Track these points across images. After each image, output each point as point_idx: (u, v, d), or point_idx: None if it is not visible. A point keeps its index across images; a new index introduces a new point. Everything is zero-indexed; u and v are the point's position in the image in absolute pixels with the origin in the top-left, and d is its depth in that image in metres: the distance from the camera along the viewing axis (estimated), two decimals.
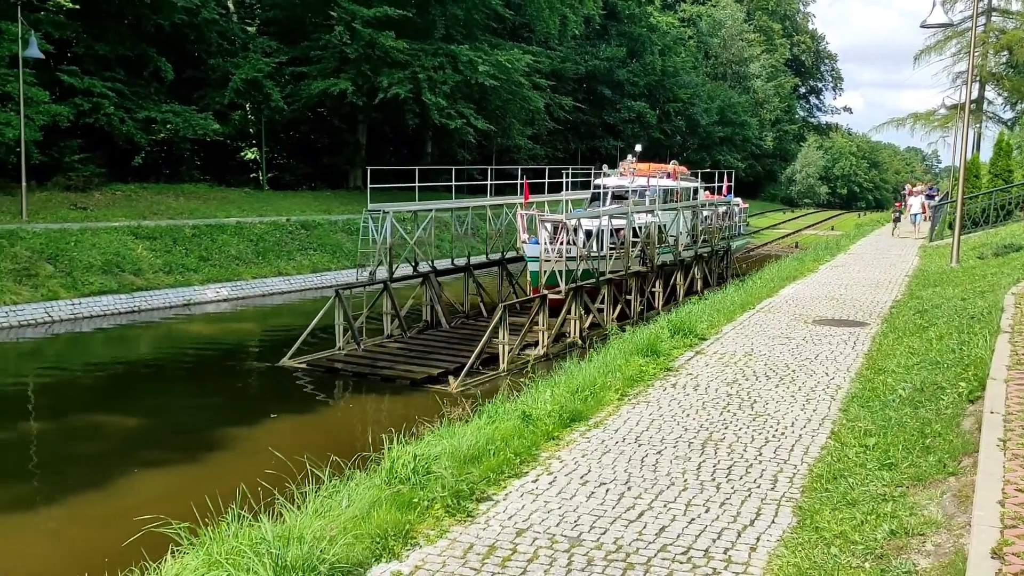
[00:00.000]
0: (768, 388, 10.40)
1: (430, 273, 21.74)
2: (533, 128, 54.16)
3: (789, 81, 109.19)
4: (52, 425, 14.45)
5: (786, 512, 6.55)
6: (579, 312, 19.78)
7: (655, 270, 24.37)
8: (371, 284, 20.01)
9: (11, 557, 9.33)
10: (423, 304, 21.86)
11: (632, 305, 22.90)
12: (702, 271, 28.29)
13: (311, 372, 17.43)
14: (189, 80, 37.75)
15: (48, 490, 11.47)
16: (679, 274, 26.29)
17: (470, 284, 23.53)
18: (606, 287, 21.30)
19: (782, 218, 75.99)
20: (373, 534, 5.92)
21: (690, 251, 27.47)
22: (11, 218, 25.28)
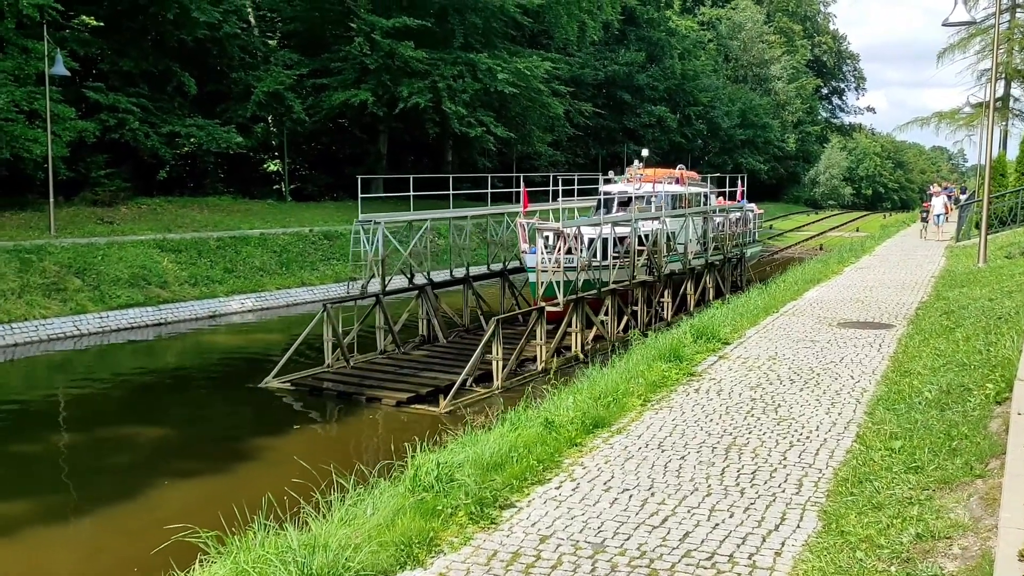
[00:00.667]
0: (792, 392, 10.34)
1: (426, 286, 20.93)
2: (553, 135, 54.23)
3: (811, 82, 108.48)
4: (82, 436, 14.67)
5: (811, 516, 6.51)
6: (580, 325, 19.04)
7: (663, 279, 23.57)
8: (363, 298, 19.38)
9: (44, 566, 9.47)
10: (419, 318, 21.04)
11: (639, 316, 22.05)
12: (714, 280, 27.34)
13: (294, 392, 16.72)
14: (212, 94, 38.19)
15: (79, 500, 11.63)
16: (689, 283, 25.40)
17: (469, 296, 22.68)
18: (609, 298, 20.58)
19: (806, 220, 75.46)
20: (398, 542, 5.96)
21: (700, 259, 26.60)
22: (39, 233, 25.68)
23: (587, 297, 19.48)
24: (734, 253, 30.52)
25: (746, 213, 33.64)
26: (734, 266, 30.71)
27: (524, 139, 49.83)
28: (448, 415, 14.72)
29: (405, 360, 18.81)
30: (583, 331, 19.14)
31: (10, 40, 27.73)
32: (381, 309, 19.32)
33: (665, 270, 23.61)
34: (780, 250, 51.04)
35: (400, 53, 38.97)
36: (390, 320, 19.54)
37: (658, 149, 69.04)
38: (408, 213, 22.37)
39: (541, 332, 17.86)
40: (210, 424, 15.32)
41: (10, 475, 12.57)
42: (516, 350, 17.34)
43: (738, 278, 30.83)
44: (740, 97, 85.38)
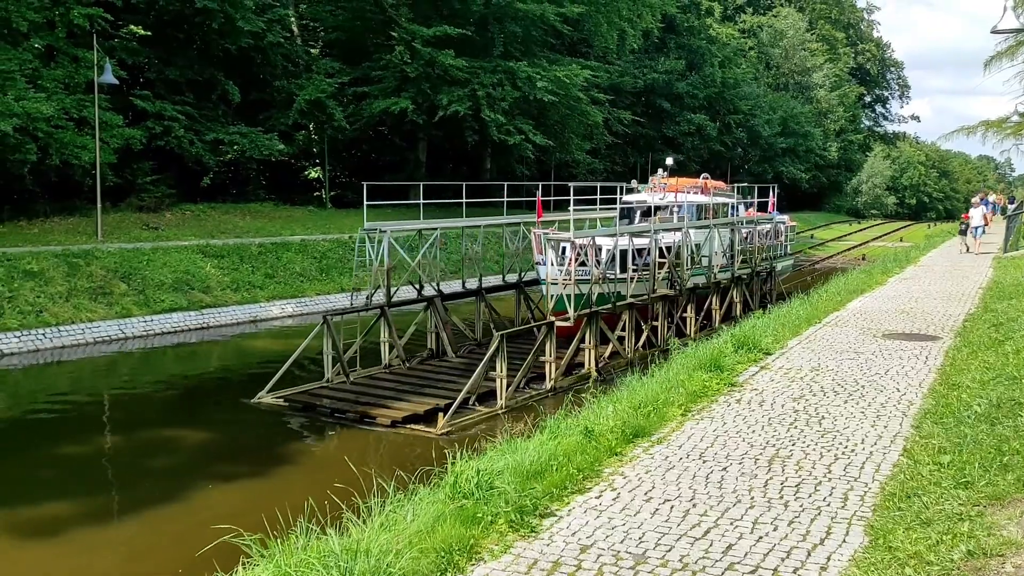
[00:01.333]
0: (836, 404, 10.17)
1: (435, 297, 20.00)
2: (592, 143, 54.15)
3: (854, 90, 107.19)
4: (126, 439, 14.92)
5: (857, 531, 6.39)
6: (594, 341, 18.19)
7: (685, 294, 22.42)
8: (366, 309, 18.65)
9: (90, 567, 9.63)
10: (427, 331, 20.23)
11: (659, 332, 21.02)
12: (741, 295, 25.97)
13: (286, 409, 15.93)
14: (255, 102, 38.75)
15: (124, 502, 11.82)
16: (715, 298, 24.16)
17: (482, 309, 21.79)
18: (627, 313, 19.52)
19: (848, 230, 74.48)
20: (438, 548, 5.96)
21: (726, 272, 25.41)
22: (87, 238, 26.22)
23: (601, 312, 18.57)
24: (763, 267, 29.07)
25: (777, 225, 32.30)
26: (764, 280, 29.24)
27: (563, 147, 49.81)
28: (445, 436, 13.93)
29: (409, 375, 18.00)
30: (596, 347, 18.28)
31: (61, 49, 28.43)
32: (386, 322, 18.47)
33: (688, 284, 22.54)
34: (822, 260, 50.36)
35: (440, 61, 39.21)
36: (395, 333, 18.64)
37: (697, 157, 68.67)
38: (417, 221, 21.57)
39: (550, 348, 16.89)
40: (249, 427, 15.47)
41: (57, 476, 12.82)
42: (523, 367, 16.37)
43: (768, 293, 29.23)
44: (781, 105, 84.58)
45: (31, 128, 25.07)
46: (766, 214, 32.21)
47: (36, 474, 12.79)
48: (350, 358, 17.64)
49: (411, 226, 21.56)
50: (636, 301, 19.96)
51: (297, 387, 16.74)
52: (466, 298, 22.31)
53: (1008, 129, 43.46)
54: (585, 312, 18.18)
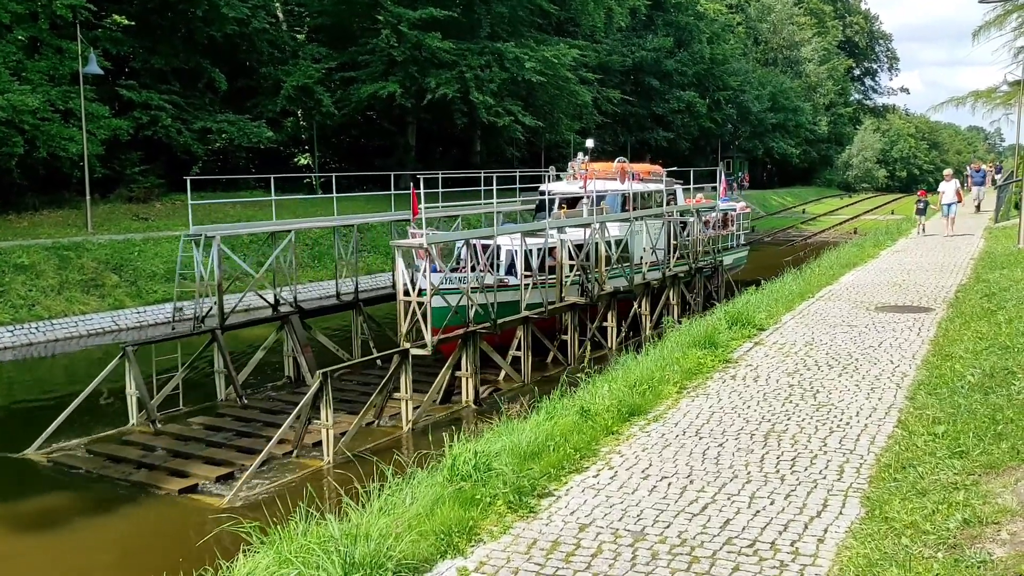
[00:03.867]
0: (831, 377, 10.22)
1: (291, 314, 17.09)
2: (581, 123, 53.96)
3: (843, 63, 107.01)
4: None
5: (854, 503, 6.44)
6: (471, 367, 15.31)
7: (603, 300, 19.54)
8: (190, 336, 15.59)
9: (89, 555, 9.64)
10: (284, 354, 17.36)
11: (569, 348, 18.24)
12: (678, 295, 22.85)
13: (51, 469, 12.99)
14: (242, 89, 38.49)
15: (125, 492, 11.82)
16: (644, 302, 21.13)
17: (360, 323, 18.74)
18: (522, 328, 16.71)
19: (839, 204, 74.65)
20: (437, 531, 5.98)
21: (656, 272, 22.29)
22: (77, 231, 26.09)
23: (480, 331, 15.59)
24: (705, 262, 25.48)
25: (727, 213, 28.90)
26: (708, 277, 25.70)
27: (552, 128, 49.65)
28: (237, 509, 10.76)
29: (240, 417, 14.84)
30: (476, 374, 15.38)
31: (44, 41, 28.16)
32: (219, 348, 15.58)
33: (607, 287, 19.67)
34: (813, 234, 50.45)
35: (427, 44, 38.96)
36: (229, 363, 15.70)
37: (687, 135, 68.55)
38: (268, 223, 18.61)
39: (406, 382, 13.96)
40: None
41: (52, 470, 12.82)
42: (363, 409, 13.38)
43: (714, 291, 25.75)
44: (770, 80, 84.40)
45: (17, 121, 24.87)
46: (711, 202, 28.70)
47: None
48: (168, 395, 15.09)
49: (254, 229, 18.91)
50: (532, 314, 16.98)
51: (86, 436, 13.80)
52: (341, 311, 19.26)
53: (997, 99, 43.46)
54: (456, 334, 15.22)
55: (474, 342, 15.45)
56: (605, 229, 19.70)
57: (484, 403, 15.31)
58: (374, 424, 14.14)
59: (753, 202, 69.02)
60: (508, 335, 16.85)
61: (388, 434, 14.00)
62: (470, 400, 15.38)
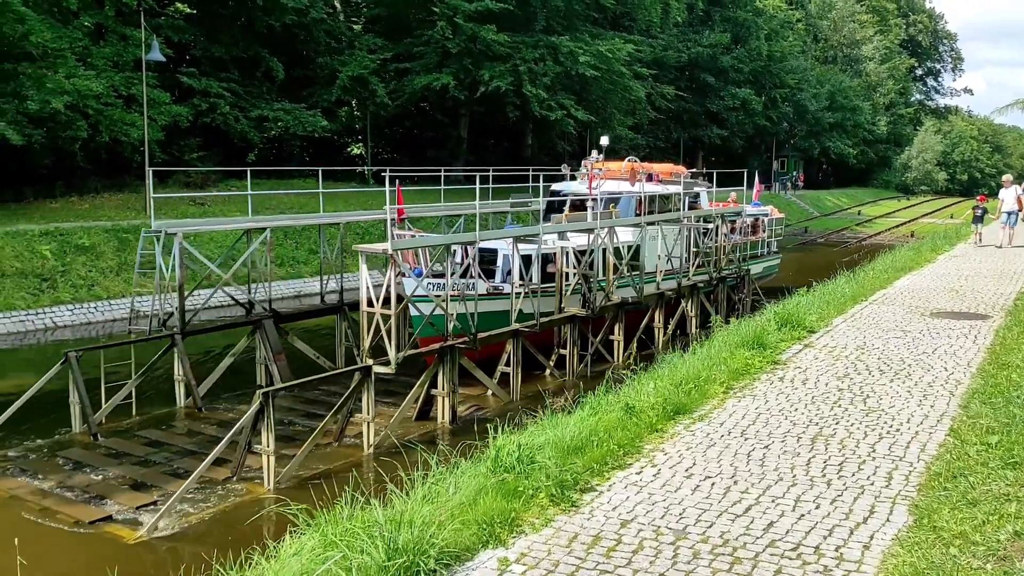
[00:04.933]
0: (882, 383, 10.05)
1: (264, 318, 15.89)
2: (634, 118, 53.63)
3: (904, 63, 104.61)
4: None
5: (901, 511, 6.34)
6: (448, 386, 13.86)
7: (610, 311, 17.91)
8: (148, 340, 14.60)
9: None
10: (256, 361, 16.10)
11: (568, 363, 16.68)
12: (697, 306, 20.95)
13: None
14: (298, 79, 39.01)
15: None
16: (657, 314, 19.40)
17: (344, 328, 17.40)
18: (511, 342, 15.25)
19: (896, 206, 73.12)
20: (480, 520, 6.04)
21: (671, 281, 20.40)
22: (136, 214, 26.74)
23: (459, 346, 14.14)
24: (730, 271, 23.49)
25: (757, 219, 26.82)
26: (732, 287, 23.69)
27: (604, 122, 49.41)
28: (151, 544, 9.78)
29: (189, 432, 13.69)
30: (453, 393, 13.95)
31: (109, 27, 28.89)
32: (178, 354, 14.51)
33: (615, 298, 18.10)
34: (868, 237, 49.49)
35: (482, 37, 39.06)
36: (189, 370, 14.50)
37: (742, 132, 67.69)
38: (241, 219, 17.49)
39: (368, 402, 12.63)
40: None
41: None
42: (313, 434, 12.00)
43: (739, 301, 23.66)
44: (829, 79, 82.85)
45: (82, 105, 25.56)
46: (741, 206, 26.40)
47: None
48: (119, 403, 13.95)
49: (226, 226, 17.91)
50: (523, 327, 15.59)
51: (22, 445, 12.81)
52: (323, 315, 18.04)
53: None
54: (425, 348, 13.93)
55: (452, 357, 13.90)
56: (614, 234, 18.24)
57: (461, 422, 13.85)
58: (333, 445, 12.83)
59: (807, 202, 67.96)
60: (498, 348, 15.39)
61: (345, 457, 12.52)
62: (446, 421, 13.83)
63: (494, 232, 17.48)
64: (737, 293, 23.80)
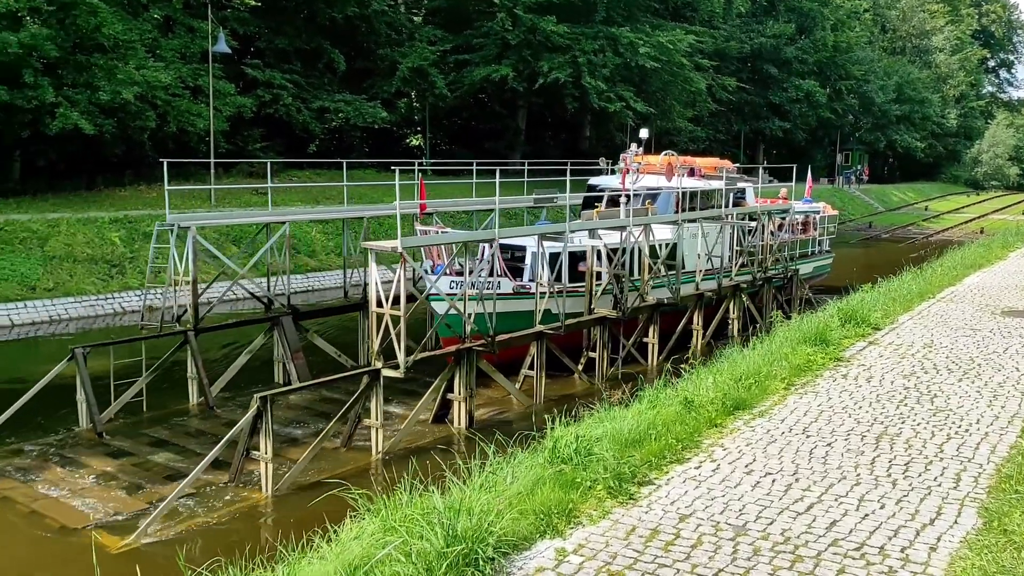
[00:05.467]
0: (950, 382, 9.79)
1: (282, 315, 15.42)
2: (694, 110, 52.92)
3: (976, 54, 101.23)
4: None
5: (970, 513, 6.18)
6: (466, 389, 13.05)
7: (644, 312, 16.89)
8: (160, 336, 14.11)
9: (221, 517, 10.12)
10: (274, 359, 15.59)
11: (597, 366, 15.52)
12: (740, 308, 19.64)
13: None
14: (359, 70, 39.39)
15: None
16: (697, 315, 18.29)
17: (365, 325, 16.18)
18: (535, 345, 14.37)
19: (965, 201, 71.01)
20: (537, 511, 6.06)
21: (711, 281, 19.21)
22: (200, 203, 27.33)
23: (477, 348, 13.29)
24: (776, 271, 21.99)
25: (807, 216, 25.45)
26: (779, 287, 22.25)
27: (664, 114, 48.86)
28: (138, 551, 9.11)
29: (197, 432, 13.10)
30: (471, 397, 13.20)
31: (177, 20, 29.55)
32: (191, 352, 14.04)
33: (649, 299, 17.09)
34: (936, 232, 48.16)
35: (542, 28, 38.94)
36: (202, 368, 14.07)
37: (805, 125, 66.32)
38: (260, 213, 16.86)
39: (376, 406, 11.93)
40: None
41: None
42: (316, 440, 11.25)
43: (786, 303, 22.05)
44: (897, 70, 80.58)
45: (150, 96, 26.17)
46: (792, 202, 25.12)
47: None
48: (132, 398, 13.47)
49: (247, 219, 17.49)
50: (547, 329, 14.63)
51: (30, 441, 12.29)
52: (342, 313, 17.51)
53: None
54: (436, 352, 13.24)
55: (469, 360, 13.12)
56: (649, 232, 17.25)
57: (479, 426, 12.96)
58: (342, 450, 12.14)
59: (872, 197, 66.37)
60: (521, 350, 14.66)
61: (352, 462, 11.70)
62: (462, 426, 13.02)
63: (515, 229, 16.66)
64: (784, 294, 22.35)
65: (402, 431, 12.40)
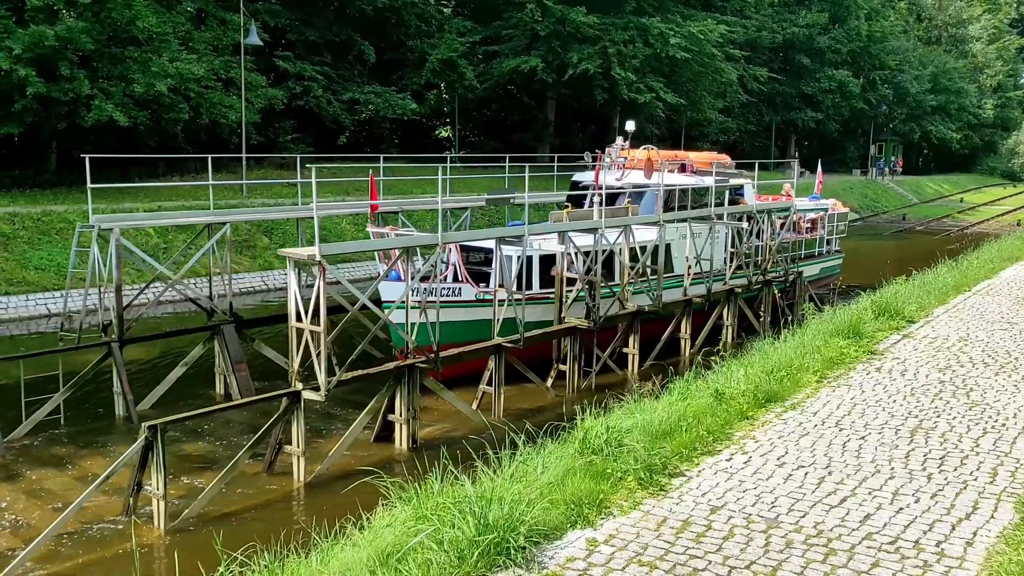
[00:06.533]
0: (987, 376, 9.66)
1: (222, 324, 14.01)
2: (725, 101, 52.43)
3: (1014, 42, 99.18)
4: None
5: (1007, 508, 6.10)
6: (407, 410, 11.67)
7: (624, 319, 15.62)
8: (76, 349, 12.97)
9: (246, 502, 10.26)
10: (215, 371, 14.22)
11: (568, 378, 14.26)
12: (734, 314, 18.21)
13: None
14: (389, 62, 39.49)
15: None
16: (684, 323, 16.96)
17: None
18: (494, 359, 12.96)
19: (1002, 193, 69.76)
20: (568, 501, 6.07)
21: (700, 286, 17.74)
22: (232, 194, 27.59)
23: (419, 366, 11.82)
24: (776, 273, 20.32)
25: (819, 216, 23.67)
26: (783, 291, 20.55)
27: (694, 106, 48.47)
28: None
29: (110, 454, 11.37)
30: (413, 420, 11.72)
31: (210, 12, 29.78)
32: (116, 364, 12.86)
33: (630, 306, 15.76)
34: (972, 225, 47.39)
35: (571, 19, 38.77)
36: (125, 382, 12.80)
37: (837, 116, 65.51)
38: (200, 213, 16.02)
39: (297, 433, 10.63)
40: None
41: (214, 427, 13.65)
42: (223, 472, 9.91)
43: (786, 308, 20.37)
44: (932, 60, 79.24)
45: (183, 88, 26.43)
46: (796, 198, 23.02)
47: None
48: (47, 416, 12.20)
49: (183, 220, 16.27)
50: (505, 342, 13.07)
51: None
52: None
53: None
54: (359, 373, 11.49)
55: (411, 379, 11.68)
56: (630, 234, 15.87)
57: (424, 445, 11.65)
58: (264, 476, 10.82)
59: (906, 188, 65.43)
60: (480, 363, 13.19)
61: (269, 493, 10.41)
62: (404, 447, 11.71)
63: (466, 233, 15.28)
64: (786, 298, 20.65)
65: (330, 457, 10.93)
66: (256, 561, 5.49)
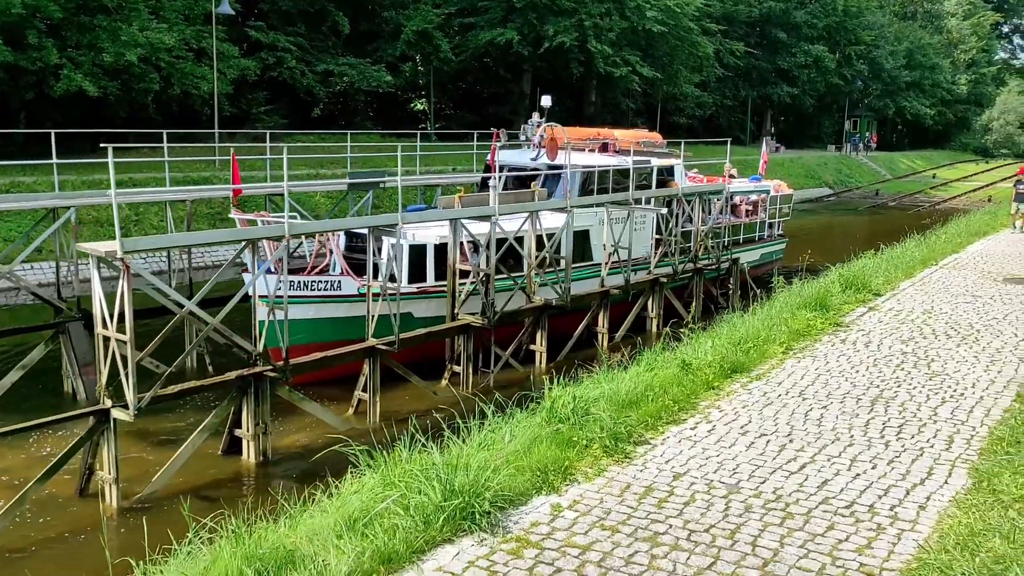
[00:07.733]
0: (948, 347, 9.86)
1: (68, 321, 12.40)
2: (701, 75, 52.46)
3: (989, 18, 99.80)
4: None
5: (961, 473, 6.28)
6: (255, 423, 10.33)
7: (529, 314, 14.44)
8: None
9: (214, 469, 10.29)
10: (62, 372, 12.71)
11: (463, 378, 13.15)
12: (659, 305, 17.10)
13: None
14: (363, 33, 39.09)
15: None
16: (601, 316, 15.78)
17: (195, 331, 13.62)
18: (368, 362, 11.79)
19: (974, 169, 70.56)
20: (534, 468, 6.17)
21: (618, 276, 16.44)
22: (205, 166, 27.32)
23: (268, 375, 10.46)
24: (707, 260, 19.06)
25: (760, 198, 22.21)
26: (718, 280, 19.52)
27: (670, 80, 48.45)
28: None
29: None
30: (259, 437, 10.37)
31: None
32: None
33: (537, 300, 14.56)
34: (943, 200, 47.95)
35: None
36: None
37: (813, 91, 65.73)
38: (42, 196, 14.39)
39: (108, 456, 9.22)
40: None
41: None
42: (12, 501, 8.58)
43: (720, 296, 19.43)
44: (907, 35, 79.60)
45: (154, 58, 26.05)
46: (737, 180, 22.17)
47: None
48: None
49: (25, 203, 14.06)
50: (381, 344, 11.85)
51: None
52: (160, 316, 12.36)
53: None
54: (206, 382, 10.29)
55: (259, 389, 10.34)
56: (536, 220, 14.57)
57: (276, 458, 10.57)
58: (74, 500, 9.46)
59: (880, 164, 65.95)
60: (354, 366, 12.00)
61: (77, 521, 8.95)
62: (252, 461, 10.41)
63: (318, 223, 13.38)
64: (721, 287, 19.66)
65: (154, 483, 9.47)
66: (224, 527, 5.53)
